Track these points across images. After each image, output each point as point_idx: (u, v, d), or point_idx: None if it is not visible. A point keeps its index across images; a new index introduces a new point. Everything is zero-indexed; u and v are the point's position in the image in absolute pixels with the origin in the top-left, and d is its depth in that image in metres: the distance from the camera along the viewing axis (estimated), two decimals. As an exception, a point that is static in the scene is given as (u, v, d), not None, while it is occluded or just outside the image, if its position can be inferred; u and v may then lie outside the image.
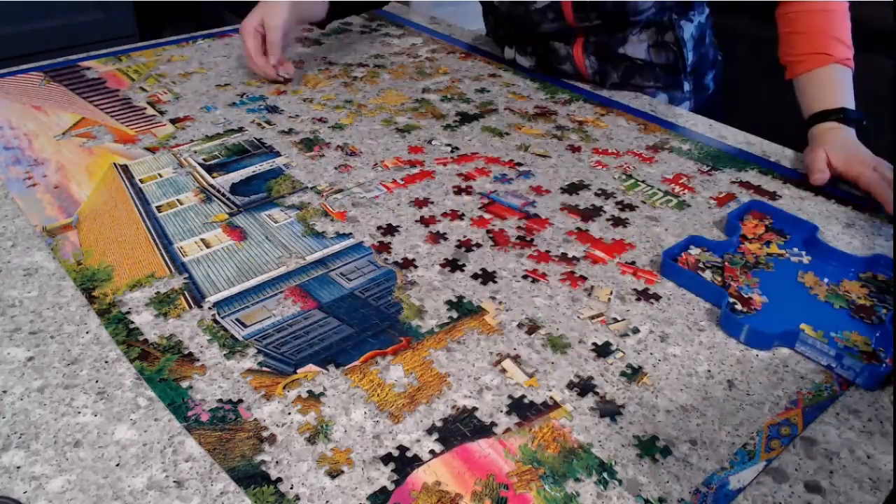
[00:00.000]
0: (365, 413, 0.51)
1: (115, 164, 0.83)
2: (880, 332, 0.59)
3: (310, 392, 0.53)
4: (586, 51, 1.03)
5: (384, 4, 1.39)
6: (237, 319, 0.60)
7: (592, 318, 0.61)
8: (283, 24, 1.01)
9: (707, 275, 0.65)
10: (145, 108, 0.97)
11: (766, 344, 0.58)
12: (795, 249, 0.70)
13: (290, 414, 0.51)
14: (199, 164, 0.84)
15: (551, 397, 0.53)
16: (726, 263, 0.67)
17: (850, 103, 0.86)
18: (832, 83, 0.87)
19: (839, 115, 0.85)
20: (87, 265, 0.66)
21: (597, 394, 0.54)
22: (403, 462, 0.48)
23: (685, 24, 1.01)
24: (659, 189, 0.80)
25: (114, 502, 0.45)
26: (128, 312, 0.60)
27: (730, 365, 0.57)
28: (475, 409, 0.52)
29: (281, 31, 1.01)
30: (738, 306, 0.62)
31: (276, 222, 0.73)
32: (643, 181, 0.82)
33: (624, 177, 0.83)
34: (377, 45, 1.21)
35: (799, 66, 0.89)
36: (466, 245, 0.70)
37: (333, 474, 0.47)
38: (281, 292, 0.63)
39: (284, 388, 0.53)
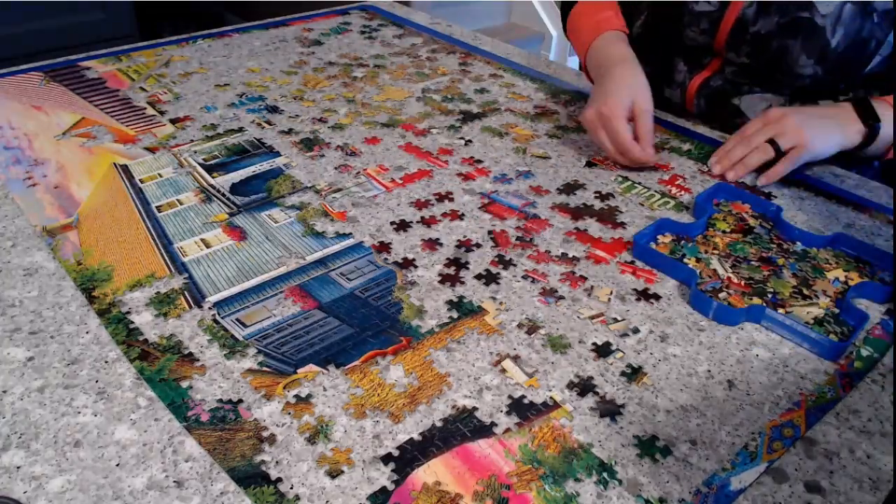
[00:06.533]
0: (365, 413, 0.51)
1: (115, 164, 0.83)
2: (845, 305, 0.62)
3: (310, 392, 0.53)
4: (700, 92, 0.94)
5: None
6: (237, 319, 0.60)
7: (592, 318, 0.61)
8: (652, 107, 0.85)
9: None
10: (145, 108, 0.97)
11: (733, 320, 0.60)
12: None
13: (290, 414, 0.51)
14: (199, 164, 0.84)
15: (551, 397, 0.53)
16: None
17: None
18: None
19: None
20: (87, 265, 0.66)
21: (597, 394, 0.54)
22: (403, 462, 0.48)
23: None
24: (656, 191, 0.80)
25: (114, 502, 0.45)
26: (128, 312, 0.60)
27: (730, 365, 0.57)
28: (475, 409, 0.52)
29: (652, 114, 0.84)
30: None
31: (276, 222, 0.73)
32: (639, 183, 0.82)
33: (621, 178, 0.83)
34: (377, 45, 1.21)
35: None
36: (466, 245, 0.70)
37: (333, 474, 0.47)
38: (281, 292, 0.63)
39: (284, 388, 0.53)
